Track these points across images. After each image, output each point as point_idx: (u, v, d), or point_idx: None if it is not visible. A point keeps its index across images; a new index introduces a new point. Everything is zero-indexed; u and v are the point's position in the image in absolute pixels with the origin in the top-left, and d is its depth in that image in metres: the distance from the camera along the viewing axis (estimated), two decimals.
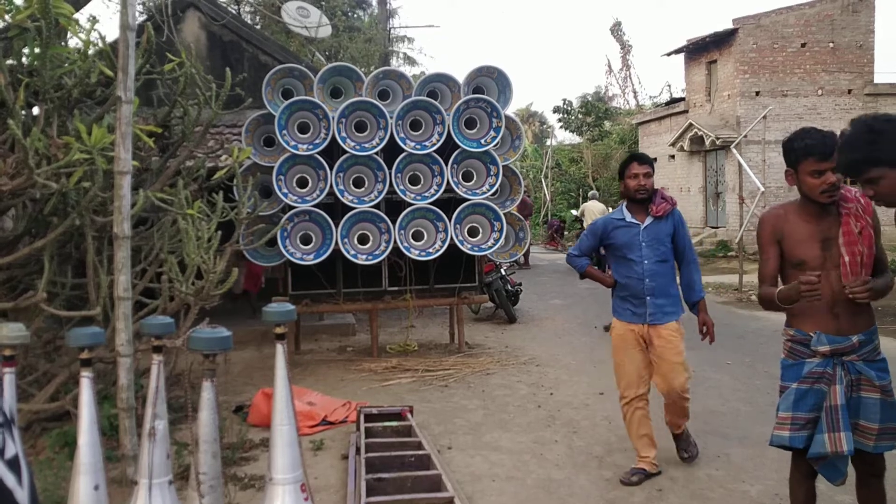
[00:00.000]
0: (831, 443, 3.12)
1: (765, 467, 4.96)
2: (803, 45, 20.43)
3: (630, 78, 39.66)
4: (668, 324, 4.67)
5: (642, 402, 4.78)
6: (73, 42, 5.47)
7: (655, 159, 25.58)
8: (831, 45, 20.50)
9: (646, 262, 4.66)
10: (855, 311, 3.15)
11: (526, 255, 17.53)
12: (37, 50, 4.74)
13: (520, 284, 11.95)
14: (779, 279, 3.39)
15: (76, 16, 5.07)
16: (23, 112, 4.86)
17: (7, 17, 4.80)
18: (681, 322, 4.72)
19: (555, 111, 37.00)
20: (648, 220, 4.71)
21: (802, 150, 3.19)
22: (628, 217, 4.76)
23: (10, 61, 5.09)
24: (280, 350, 3.85)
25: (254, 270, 10.15)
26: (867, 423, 3.16)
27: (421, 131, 8.25)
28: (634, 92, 39.99)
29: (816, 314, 3.19)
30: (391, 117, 8.02)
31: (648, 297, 4.66)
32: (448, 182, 8.17)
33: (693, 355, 8.37)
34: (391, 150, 8.11)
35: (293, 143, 7.90)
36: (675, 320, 4.70)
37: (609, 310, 5.07)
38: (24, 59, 5.07)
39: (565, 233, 26.78)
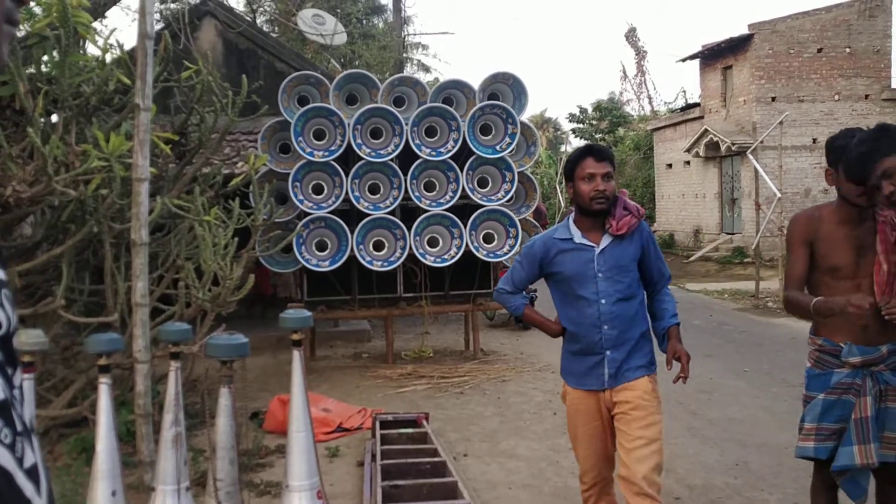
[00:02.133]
0: (861, 455, 3.06)
1: (784, 476, 4.91)
2: (819, 51, 20.31)
3: (645, 84, 39.45)
4: (635, 381, 3.25)
5: (609, 489, 3.47)
6: (91, 50, 5.51)
7: (669, 165, 25.46)
8: (848, 50, 20.37)
9: (603, 301, 3.21)
10: (885, 321, 3.09)
11: None
12: (56, 56, 4.77)
13: (535, 291, 11.91)
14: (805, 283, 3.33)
15: (94, 24, 5.11)
16: (42, 120, 4.90)
17: (27, 25, 4.85)
18: (654, 379, 3.34)
19: (569, 119, 36.94)
20: (606, 241, 3.26)
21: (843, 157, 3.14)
22: (577, 236, 3.29)
23: (29, 69, 5.14)
24: (297, 357, 3.85)
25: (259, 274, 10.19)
26: (892, 434, 3.11)
27: (436, 138, 8.25)
28: (649, 98, 39.82)
29: (847, 324, 3.10)
30: (406, 124, 8.03)
31: (608, 352, 3.23)
32: (463, 188, 8.16)
33: (712, 363, 8.36)
34: (406, 157, 8.11)
35: (309, 149, 7.92)
36: (647, 375, 3.29)
37: None
38: (43, 68, 5.11)
39: None
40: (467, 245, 8.12)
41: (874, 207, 3.12)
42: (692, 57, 23.41)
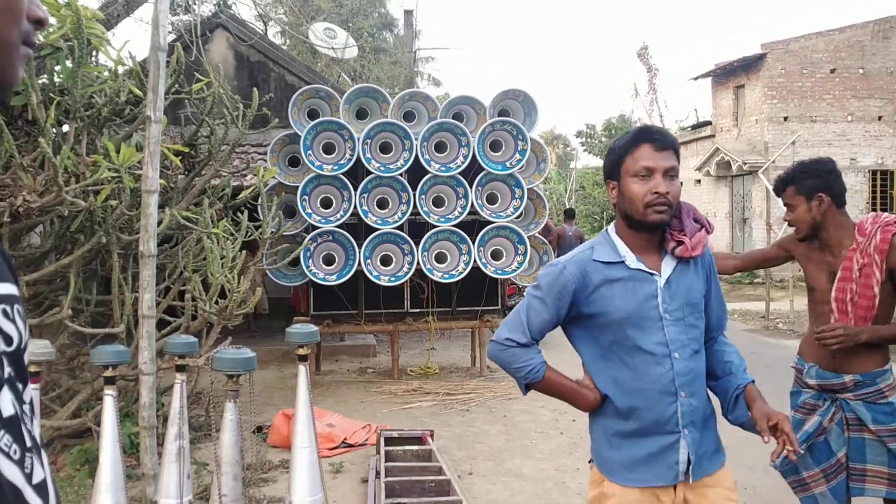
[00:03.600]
0: (809, 476, 3.18)
1: (793, 499, 4.84)
2: (832, 71, 20.28)
3: (656, 101, 39.49)
4: (717, 474, 2.32)
5: None
6: (103, 61, 5.53)
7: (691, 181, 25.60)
8: (861, 70, 20.33)
9: (676, 355, 2.21)
10: (854, 351, 3.02)
11: None
12: (69, 67, 4.79)
13: None
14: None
15: (107, 36, 5.13)
16: (53, 130, 4.92)
17: (41, 36, 4.88)
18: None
19: (577, 136, 36.98)
20: (669, 267, 2.28)
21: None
22: (631, 259, 2.26)
23: (42, 80, 5.17)
24: (302, 371, 3.84)
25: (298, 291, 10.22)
26: (875, 467, 3.06)
27: (446, 153, 8.25)
28: (660, 116, 39.83)
29: (816, 346, 3.12)
30: (416, 139, 8.03)
31: (685, 430, 2.22)
32: (472, 204, 8.15)
33: None
34: (416, 172, 8.11)
35: (318, 163, 7.93)
36: (725, 461, 2.38)
37: None
38: (56, 78, 5.13)
39: None
40: (475, 261, 8.10)
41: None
42: (705, 75, 23.40)
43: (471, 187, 8.14)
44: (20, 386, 0.84)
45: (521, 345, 2.29)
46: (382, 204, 8.17)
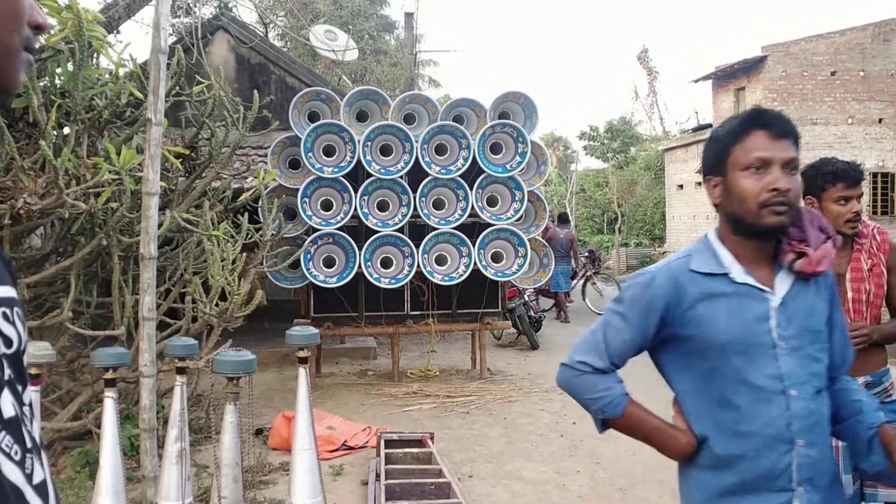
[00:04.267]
0: None
1: None
2: (833, 74, 20.30)
3: (657, 104, 39.56)
4: None
5: None
6: (104, 63, 5.54)
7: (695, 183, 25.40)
8: (862, 73, 20.34)
9: (794, 392, 1.80)
10: (865, 352, 3.02)
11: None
12: (70, 69, 4.80)
13: (543, 311, 11.88)
14: None
15: (108, 38, 5.14)
16: (54, 133, 4.92)
17: (41, 38, 4.88)
18: None
19: (580, 137, 37.00)
20: (785, 283, 1.87)
21: (831, 175, 3.13)
22: (737, 271, 1.86)
23: (43, 82, 5.17)
24: (303, 374, 3.84)
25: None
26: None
27: (446, 155, 8.26)
28: (661, 118, 39.91)
29: None
30: (417, 141, 8.04)
31: (801, 489, 1.79)
32: (472, 207, 8.15)
33: None
34: (416, 174, 8.11)
35: (318, 165, 7.93)
36: None
37: None
38: (56, 81, 5.14)
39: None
40: (475, 263, 8.10)
41: (851, 238, 3.13)
42: (705, 78, 23.44)
43: (471, 190, 8.14)
44: (20, 388, 0.86)
45: (598, 370, 1.89)
46: (383, 206, 8.17)
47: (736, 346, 1.79)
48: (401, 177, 8.04)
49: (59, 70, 4.98)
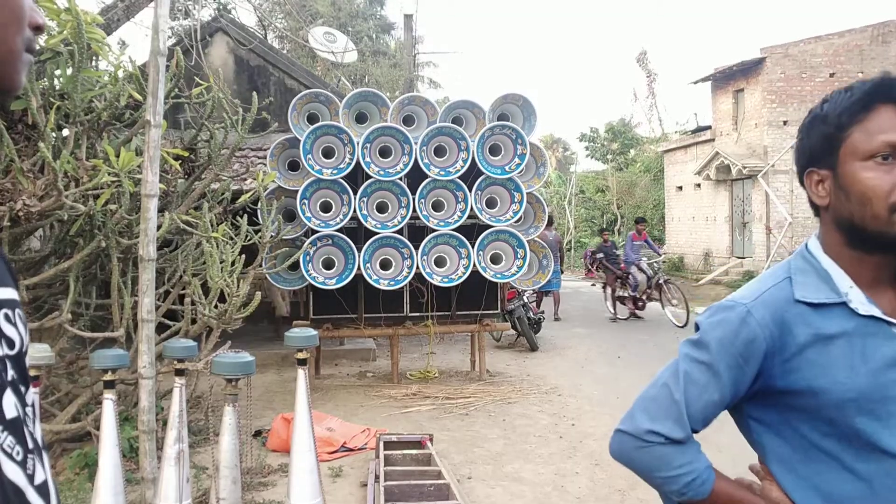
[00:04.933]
0: None
1: None
2: (832, 75, 20.31)
3: (656, 106, 39.59)
4: None
5: None
6: (103, 65, 5.54)
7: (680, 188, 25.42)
8: (860, 75, 20.33)
9: None
10: None
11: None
12: (69, 72, 4.80)
13: (542, 312, 11.88)
14: None
15: (107, 40, 5.14)
16: (53, 134, 4.92)
17: (41, 40, 4.88)
18: None
19: (580, 139, 37.01)
20: None
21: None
22: (857, 298, 1.35)
23: (42, 84, 5.17)
24: (301, 376, 3.84)
25: None
26: None
27: (445, 157, 8.26)
28: (660, 120, 39.97)
29: None
30: (416, 143, 8.04)
31: None
32: (472, 208, 8.15)
33: None
34: (415, 176, 8.12)
35: (318, 167, 7.94)
36: None
37: (627, 341, 4.58)
38: (56, 83, 5.14)
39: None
40: (475, 265, 8.10)
41: None
42: (704, 79, 23.44)
43: (470, 191, 8.15)
44: (23, 389, 0.86)
45: (674, 441, 1.40)
46: (382, 208, 8.18)
47: (861, 402, 1.32)
48: (400, 178, 8.04)
49: (58, 72, 4.98)
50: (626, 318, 14.04)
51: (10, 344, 0.85)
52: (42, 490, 0.84)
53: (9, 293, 0.88)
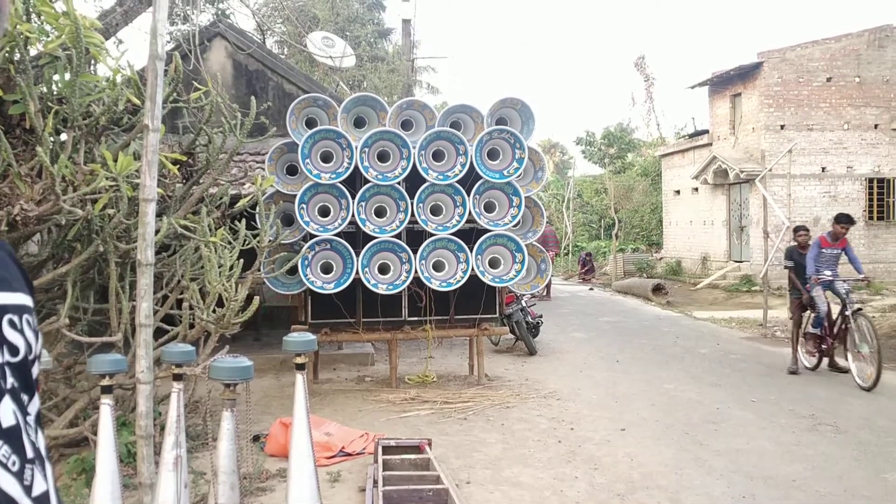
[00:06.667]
0: None
1: None
2: (829, 80, 20.35)
3: (653, 110, 39.67)
4: None
5: None
6: (102, 70, 5.54)
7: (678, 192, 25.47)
8: (857, 79, 20.40)
9: None
10: None
11: (548, 286, 17.57)
12: (67, 76, 4.80)
13: (540, 316, 11.87)
14: None
15: (105, 44, 5.14)
16: (51, 139, 4.92)
17: (39, 45, 4.88)
18: None
19: (577, 142, 37.07)
20: None
21: None
22: None
23: (40, 89, 5.17)
24: (300, 380, 3.83)
25: None
26: None
27: (443, 161, 8.26)
28: (658, 124, 40.02)
29: None
30: (414, 147, 8.04)
31: None
32: (470, 212, 8.15)
33: (719, 392, 8.28)
34: (413, 180, 8.12)
35: (316, 171, 7.93)
36: None
37: (626, 344, 4.73)
38: (54, 87, 5.14)
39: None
40: (473, 269, 8.10)
41: None
42: (701, 84, 23.48)
43: (468, 196, 8.15)
44: (25, 397, 0.84)
45: None
46: (380, 212, 8.18)
47: None
48: (398, 183, 8.04)
49: (56, 76, 4.98)
50: (812, 369, 9.49)
51: (14, 351, 0.83)
52: (41, 501, 0.82)
53: (18, 298, 0.87)
